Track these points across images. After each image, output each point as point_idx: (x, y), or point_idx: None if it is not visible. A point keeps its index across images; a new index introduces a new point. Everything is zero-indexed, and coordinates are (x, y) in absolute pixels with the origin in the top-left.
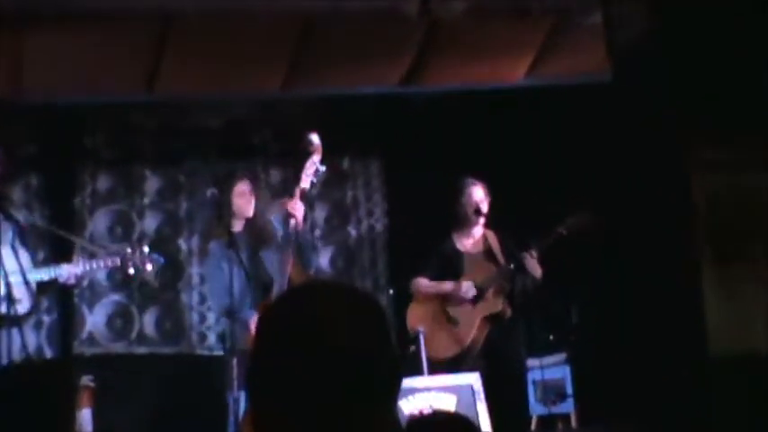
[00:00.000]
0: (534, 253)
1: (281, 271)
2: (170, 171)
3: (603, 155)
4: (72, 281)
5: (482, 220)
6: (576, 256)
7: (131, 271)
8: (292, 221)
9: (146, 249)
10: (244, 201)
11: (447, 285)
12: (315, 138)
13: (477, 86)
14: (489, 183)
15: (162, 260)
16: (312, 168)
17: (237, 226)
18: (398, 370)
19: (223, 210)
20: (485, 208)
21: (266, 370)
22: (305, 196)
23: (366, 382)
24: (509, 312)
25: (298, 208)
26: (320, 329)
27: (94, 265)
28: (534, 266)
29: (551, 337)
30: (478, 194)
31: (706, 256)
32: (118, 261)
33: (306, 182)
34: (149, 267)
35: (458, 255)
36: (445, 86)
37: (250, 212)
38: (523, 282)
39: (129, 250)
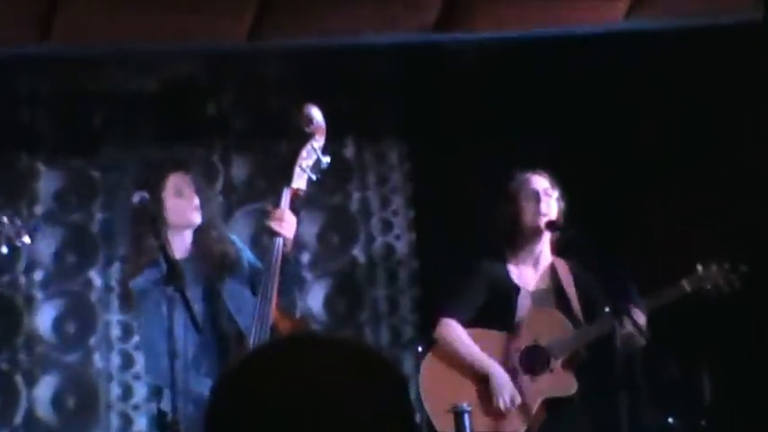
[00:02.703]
0: (640, 311)
1: (261, 314)
2: (74, 163)
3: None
4: None
5: (549, 237)
6: (703, 311)
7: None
8: (278, 241)
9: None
10: (182, 202)
11: (483, 363)
12: (315, 112)
13: (546, 32)
14: (563, 178)
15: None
16: (311, 158)
17: (178, 246)
18: None
19: (157, 223)
20: (554, 213)
21: None
22: (297, 203)
23: None
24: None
25: (287, 221)
26: (310, 413)
27: None
28: (640, 327)
29: (671, 421)
30: (542, 189)
31: None
32: None
33: (301, 179)
34: (27, 239)
35: (510, 289)
36: (498, 32)
37: (195, 219)
38: (613, 345)
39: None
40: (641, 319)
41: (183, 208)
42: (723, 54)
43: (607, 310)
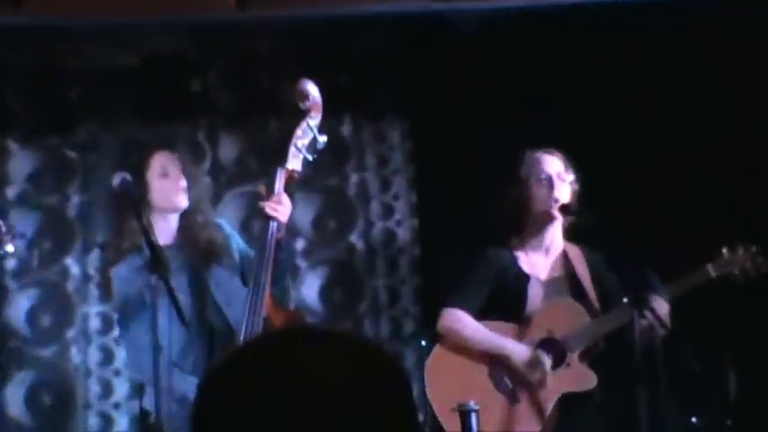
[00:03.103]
0: (661, 300)
1: (253, 305)
2: (50, 142)
3: None
4: None
5: (561, 222)
6: (726, 299)
7: None
8: (272, 226)
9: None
10: (168, 183)
11: (504, 343)
12: (311, 87)
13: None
14: (577, 157)
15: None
16: (307, 137)
17: (163, 232)
18: None
19: (139, 206)
20: (567, 197)
21: None
22: (292, 185)
23: None
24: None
25: (282, 204)
26: (305, 406)
27: None
28: (663, 317)
29: (694, 420)
30: (555, 172)
31: None
32: None
33: (296, 160)
34: (10, 247)
35: (520, 278)
36: (502, 1)
37: (182, 202)
38: (632, 337)
39: None
40: (663, 308)
41: (169, 190)
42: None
43: (625, 300)
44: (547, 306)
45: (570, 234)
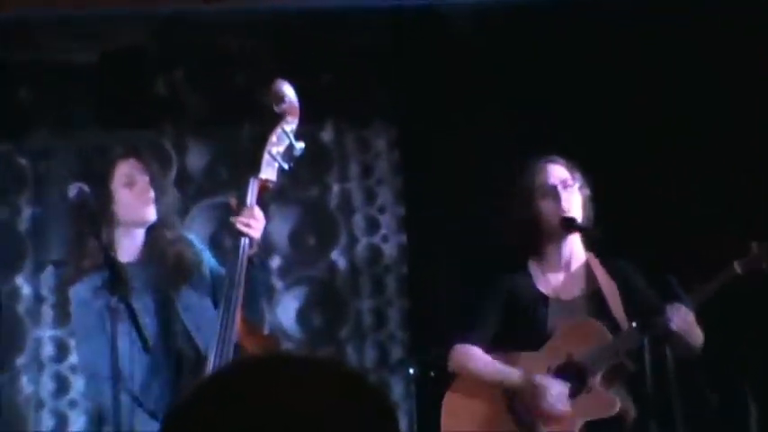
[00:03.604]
0: (686, 306)
1: (223, 330)
2: None
3: None
4: None
5: (576, 238)
6: (751, 312)
7: None
8: (244, 242)
9: None
10: (133, 195)
11: (510, 373)
12: (286, 89)
13: None
14: (588, 164)
15: None
16: (282, 144)
17: (126, 248)
18: None
19: (98, 221)
20: (577, 206)
21: None
22: (267, 196)
23: None
24: (633, 414)
25: (254, 218)
26: None
27: None
28: (688, 327)
29: None
30: (560, 182)
31: None
32: None
33: (270, 169)
34: None
35: (538, 301)
36: None
37: (148, 216)
38: (662, 354)
39: None
40: (688, 317)
41: (135, 202)
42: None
43: (634, 324)
44: (565, 328)
45: (589, 244)
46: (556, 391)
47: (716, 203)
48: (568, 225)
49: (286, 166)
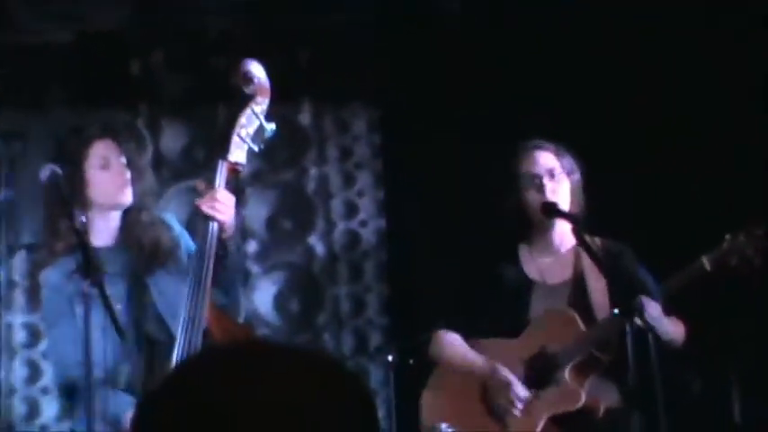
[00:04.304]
0: (654, 303)
1: (191, 317)
2: None
3: None
4: None
5: (560, 223)
6: (729, 304)
7: None
8: (212, 227)
9: None
10: (109, 176)
11: (477, 361)
12: (254, 68)
13: None
14: (575, 147)
15: None
16: (252, 125)
17: (101, 231)
18: None
19: (70, 203)
20: (560, 196)
21: None
22: (236, 179)
23: None
24: (605, 406)
25: (223, 202)
26: (261, 428)
27: None
28: (665, 322)
29: None
30: (546, 171)
31: None
32: None
33: (240, 151)
34: None
35: (522, 286)
36: None
37: (124, 198)
38: (645, 342)
39: None
40: (674, 329)
41: (110, 184)
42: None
43: (615, 311)
44: (541, 317)
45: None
46: (518, 389)
47: (710, 193)
48: (548, 210)
49: (256, 148)
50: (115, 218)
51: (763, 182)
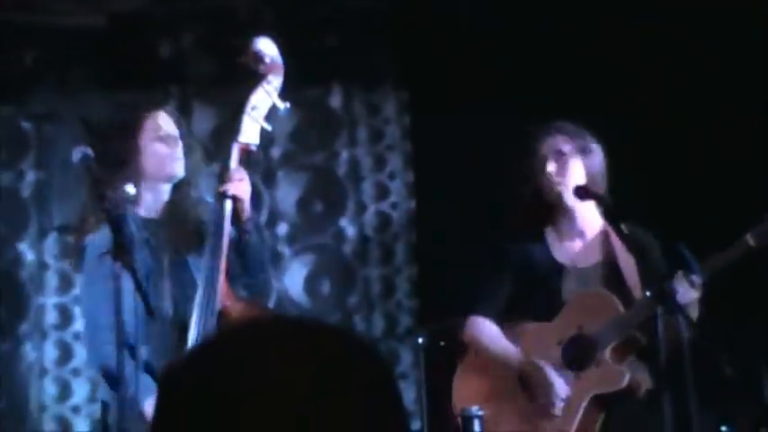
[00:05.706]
0: (695, 278)
1: (203, 299)
2: (1, 112)
3: None
4: None
5: (591, 206)
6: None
7: None
8: (228, 206)
9: None
10: (165, 148)
11: (517, 354)
12: (265, 46)
13: None
14: (601, 130)
15: None
16: (264, 105)
17: (149, 204)
18: None
19: (103, 185)
20: (578, 176)
21: None
22: (248, 159)
23: None
24: (645, 386)
25: (238, 181)
26: (278, 420)
27: None
28: (690, 300)
29: (724, 430)
30: (558, 151)
31: None
32: None
33: (252, 131)
34: None
35: (553, 269)
36: None
37: (178, 171)
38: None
39: None
40: (688, 295)
41: (165, 155)
42: None
43: (648, 293)
44: (578, 299)
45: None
46: (561, 390)
47: (731, 173)
48: (581, 193)
49: (269, 128)
50: (165, 191)
51: None
